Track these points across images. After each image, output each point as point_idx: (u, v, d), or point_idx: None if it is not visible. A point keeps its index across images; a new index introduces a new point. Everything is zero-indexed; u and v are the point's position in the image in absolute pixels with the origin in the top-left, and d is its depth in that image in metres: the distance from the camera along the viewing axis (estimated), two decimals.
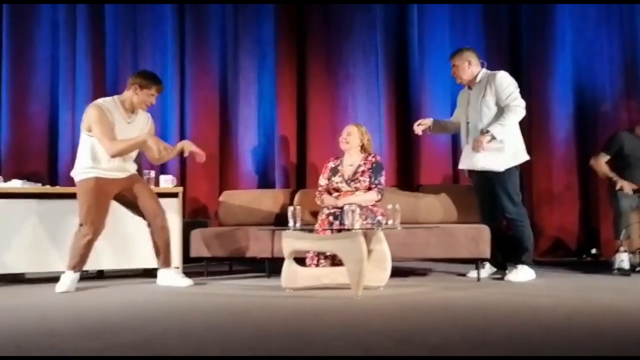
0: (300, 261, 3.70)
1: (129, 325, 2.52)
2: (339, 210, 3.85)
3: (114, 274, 4.60)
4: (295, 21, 5.89)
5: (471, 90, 4.13)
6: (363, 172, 4.07)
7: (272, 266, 4.28)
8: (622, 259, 4.08)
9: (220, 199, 5.09)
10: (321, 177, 4.23)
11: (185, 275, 3.99)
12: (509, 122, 3.91)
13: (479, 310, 2.77)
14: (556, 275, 4.20)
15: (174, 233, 4.13)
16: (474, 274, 4.06)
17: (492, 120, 3.95)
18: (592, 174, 4.93)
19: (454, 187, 4.86)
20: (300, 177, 5.75)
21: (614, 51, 5.45)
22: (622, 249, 4.12)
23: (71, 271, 3.75)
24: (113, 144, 3.71)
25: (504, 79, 3.98)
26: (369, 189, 4.03)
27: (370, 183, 4.04)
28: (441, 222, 4.26)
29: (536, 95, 5.52)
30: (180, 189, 4.56)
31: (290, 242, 3.48)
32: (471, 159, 4.01)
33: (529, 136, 5.47)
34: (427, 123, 4.30)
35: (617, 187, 4.35)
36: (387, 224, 3.61)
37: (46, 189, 4.36)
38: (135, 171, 4.01)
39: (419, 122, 4.32)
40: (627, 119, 5.24)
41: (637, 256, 4.18)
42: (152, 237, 3.96)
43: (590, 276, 4.09)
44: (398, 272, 4.09)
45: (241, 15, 5.95)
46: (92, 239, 3.76)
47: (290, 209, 3.51)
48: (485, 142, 3.90)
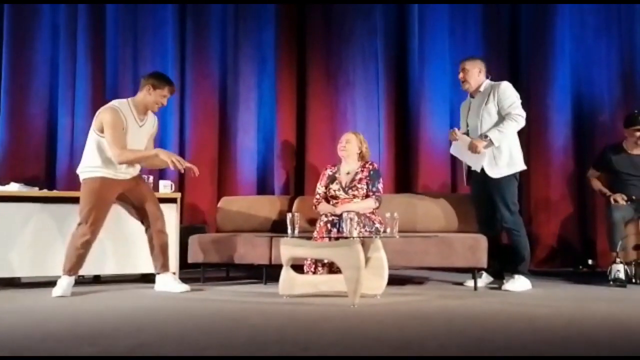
0: (298, 268, 3.70)
1: (125, 330, 2.51)
2: (337, 218, 3.85)
3: (111, 279, 4.59)
4: (295, 26, 5.91)
5: (473, 98, 4.15)
6: (361, 180, 4.08)
7: (269, 273, 4.27)
8: (618, 269, 4.09)
9: (219, 204, 5.10)
10: (318, 184, 4.23)
11: (182, 281, 3.98)
12: (507, 129, 3.93)
13: (476, 319, 2.77)
14: (553, 285, 4.20)
15: (171, 238, 4.13)
16: (471, 283, 4.06)
17: (491, 127, 3.96)
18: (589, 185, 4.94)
19: (452, 196, 4.86)
20: (299, 184, 5.75)
21: (612, 59, 5.46)
22: (618, 260, 4.13)
23: (67, 275, 3.74)
24: (122, 152, 3.72)
25: (507, 88, 4.02)
26: (367, 196, 4.04)
27: (368, 190, 4.04)
28: (439, 230, 4.27)
29: (535, 103, 5.54)
30: (178, 195, 4.56)
31: (288, 249, 3.48)
32: (472, 158, 4.01)
33: (527, 144, 5.48)
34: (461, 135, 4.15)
35: (611, 200, 4.38)
36: (385, 232, 3.61)
37: (43, 192, 4.36)
38: (138, 172, 4.02)
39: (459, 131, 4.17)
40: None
41: (633, 267, 4.19)
42: (150, 241, 3.96)
43: (587, 287, 4.10)
44: (395, 280, 4.09)
45: (242, 20, 5.97)
46: (90, 239, 3.75)
47: (289, 215, 3.51)
48: (482, 145, 3.92)
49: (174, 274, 4.12)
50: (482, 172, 4.00)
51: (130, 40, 5.91)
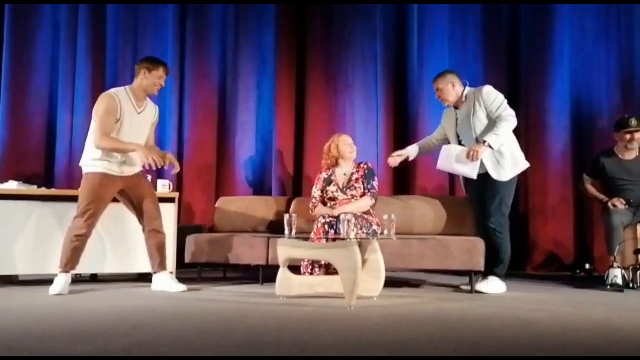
0: (295, 269, 3.70)
1: (121, 329, 2.51)
2: (334, 219, 3.86)
3: (108, 278, 4.59)
4: (295, 27, 5.92)
5: (458, 109, 4.12)
6: (357, 180, 4.12)
7: (266, 273, 4.27)
8: (616, 274, 4.09)
9: (216, 204, 5.10)
10: (314, 188, 4.25)
11: (179, 281, 3.98)
12: (502, 131, 3.92)
13: (471, 322, 2.77)
14: (550, 290, 4.20)
15: (168, 238, 4.12)
16: (467, 286, 4.06)
17: (485, 132, 3.96)
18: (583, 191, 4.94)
19: (449, 199, 4.87)
20: (296, 185, 5.76)
21: (611, 65, 5.48)
22: (615, 264, 4.13)
23: (63, 273, 3.73)
24: (103, 137, 3.70)
25: (490, 91, 4.01)
26: (363, 194, 4.07)
27: (364, 188, 4.07)
28: (436, 233, 4.27)
29: (533, 107, 5.56)
30: (176, 194, 4.56)
31: (285, 249, 3.48)
32: (466, 168, 4.00)
33: (525, 147, 5.48)
34: (404, 154, 4.31)
35: (609, 204, 4.37)
36: (382, 233, 3.61)
37: (42, 190, 4.36)
38: (140, 168, 4.00)
39: (394, 154, 4.31)
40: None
41: (630, 272, 4.19)
42: (147, 240, 3.96)
43: (584, 291, 4.10)
44: (392, 282, 4.09)
45: (242, 20, 5.98)
46: (85, 233, 3.75)
47: (286, 216, 3.51)
48: (482, 151, 3.91)
49: (171, 273, 4.11)
50: (481, 176, 4.00)
51: (130, 40, 5.92)
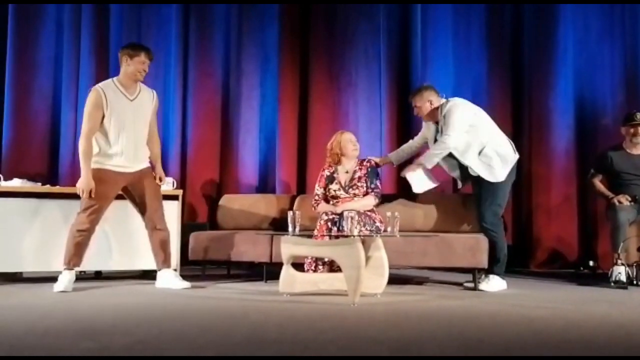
0: (299, 266, 3.70)
1: (125, 327, 2.52)
2: (338, 217, 3.86)
3: (112, 275, 4.60)
4: (298, 26, 5.91)
5: (437, 124, 4.11)
6: (360, 178, 4.10)
7: (270, 271, 4.28)
8: (620, 271, 4.07)
9: (220, 202, 5.10)
10: (317, 186, 4.24)
11: (183, 278, 3.98)
12: (434, 152, 3.99)
13: (475, 320, 2.77)
14: (553, 287, 4.19)
15: (172, 236, 4.13)
16: (471, 283, 4.05)
17: (461, 145, 3.94)
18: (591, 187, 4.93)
19: (452, 196, 4.86)
20: (300, 182, 5.76)
21: (615, 64, 5.46)
22: (619, 261, 4.12)
23: (67, 270, 3.74)
24: (84, 138, 3.76)
25: (451, 108, 3.96)
26: (366, 193, 4.06)
27: (367, 187, 4.06)
28: (439, 230, 4.26)
29: (537, 106, 5.54)
30: (180, 192, 4.57)
31: (289, 247, 3.48)
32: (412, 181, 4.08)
33: (529, 146, 5.50)
34: (380, 161, 4.32)
35: (615, 201, 4.36)
36: (385, 231, 3.61)
37: (46, 188, 4.37)
38: (147, 165, 3.99)
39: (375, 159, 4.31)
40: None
41: (635, 269, 4.18)
42: (151, 238, 3.96)
43: (588, 288, 4.09)
44: (395, 279, 4.09)
45: (245, 19, 5.98)
46: (88, 228, 3.76)
47: (290, 214, 3.51)
48: (411, 169, 4.05)
49: (175, 270, 4.12)
50: (476, 178, 4.02)
51: (134, 39, 5.89)
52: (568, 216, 5.42)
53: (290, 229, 3.47)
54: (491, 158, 3.95)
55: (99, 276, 4.62)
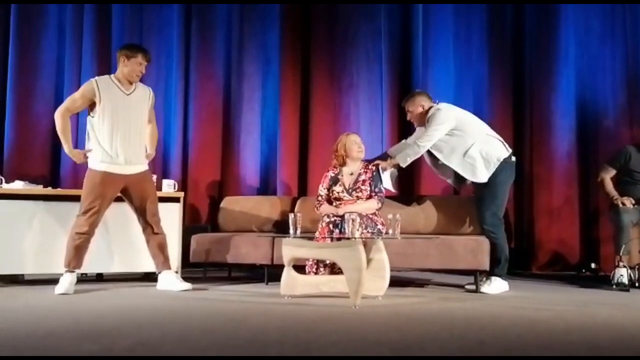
0: (300, 269, 3.70)
1: (126, 329, 2.52)
2: (339, 219, 3.86)
3: (114, 277, 4.60)
4: (300, 28, 5.91)
5: None
6: (364, 181, 4.08)
7: (271, 273, 4.28)
8: (622, 274, 4.06)
9: (222, 204, 5.10)
10: (320, 186, 4.23)
11: (184, 280, 3.99)
12: (411, 152, 4.05)
13: (476, 322, 2.77)
14: (555, 289, 4.19)
15: (174, 238, 4.14)
16: (472, 285, 4.05)
17: (446, 148, 4.02)
18: (593, 188, 4.91)
19: (454, 199, 4.86)
20: (301, 185, 5.75)
21: (617, 66, 5.45)
22: (621, 264, 4.11)
23: (69, 272, 3.75)
24: (62, 112, 3.85)
25: (435, 113, 4.05)
26: (370, 197, 4.05)
27: (371, 191, 4.05)
28: (441, 233, 4.27)
29: (538, 108, 5.53)
30: (181, 194, 4.57)
31: (290, 249, 3.48)
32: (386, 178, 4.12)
33: (530, 148, 5.50)
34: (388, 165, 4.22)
35: (618, 203, 4.35)
36: (387, 233, 3.61)
37: (48, 190, 4.38)
38: (146, 167, 4.01)
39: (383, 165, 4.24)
40: (629, 134, 5.25)
41: (637, 271, 4.17)
42: (148, 242, 3.98)
43: (589, 291, 4.09)
44: (397, 281, 4.09)
45: (246, 20, 5.98)
46: (87, 231, 3.76)
47: (291, 216, 3.51)
48: (383, 165, 4.09)
49: (176, 273, 4.12)
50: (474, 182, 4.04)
51: (136, 40, 5.89)
52: (570, 218, 5.41)
53: (291, 231, 3.48)
54: (475, 159, 3.99)
55: (100, 278, 4.63)
